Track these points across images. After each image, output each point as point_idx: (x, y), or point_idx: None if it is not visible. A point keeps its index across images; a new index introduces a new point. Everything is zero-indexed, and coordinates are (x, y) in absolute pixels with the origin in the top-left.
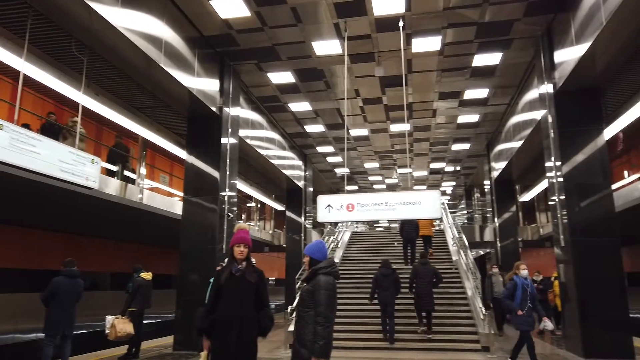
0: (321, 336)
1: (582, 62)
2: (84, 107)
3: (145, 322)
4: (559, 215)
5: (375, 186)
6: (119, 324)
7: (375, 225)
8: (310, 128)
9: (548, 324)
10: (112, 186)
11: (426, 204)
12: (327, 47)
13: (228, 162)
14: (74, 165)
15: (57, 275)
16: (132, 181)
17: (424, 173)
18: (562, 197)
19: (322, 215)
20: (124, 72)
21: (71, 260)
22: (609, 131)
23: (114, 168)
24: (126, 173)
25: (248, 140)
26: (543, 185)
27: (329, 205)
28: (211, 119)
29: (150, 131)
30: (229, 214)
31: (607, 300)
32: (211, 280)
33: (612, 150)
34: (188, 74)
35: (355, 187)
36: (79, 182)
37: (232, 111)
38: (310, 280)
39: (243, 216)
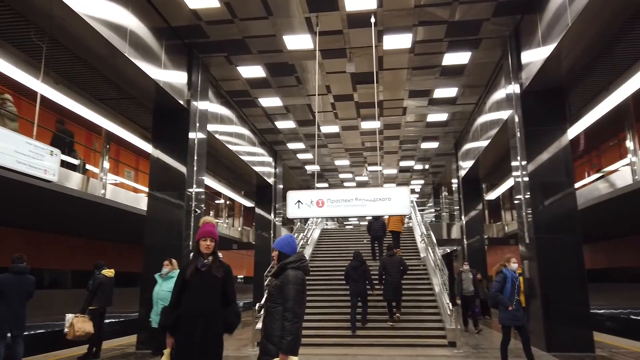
0: (289, 332)
1: (548, 63)
2: (42, 97)
3: (108, 321)
4: (524, 213)
5: (345, 184)
6: (78, 323)
7: (344, 222)
8: (281, 124)
9: None
10: (74, 180)
11: (396, 200)
12: (298, 41)
13: (196, 157)
14: (31, 157)
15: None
16: (82, 171)
17: (394, 171)
18: (527, 195)
19: (292, 211)
20: (86, 62)
21: (20, 256)
22: (572, 132)
23: (76, 162)
24: (71, 161)
25: (217, 135)
26: (508, 184)
27: (298, 201)
28: (178, 113)
29: (114, 124)
30: (196, 210)
31: (569, 296)
32: (156, 275)
33: (573, 150)
34: (154, 66)
35: (326, 185)
36: (36, 175)
37: (201, 105)
38: (279, 275)
39: (211, 213)
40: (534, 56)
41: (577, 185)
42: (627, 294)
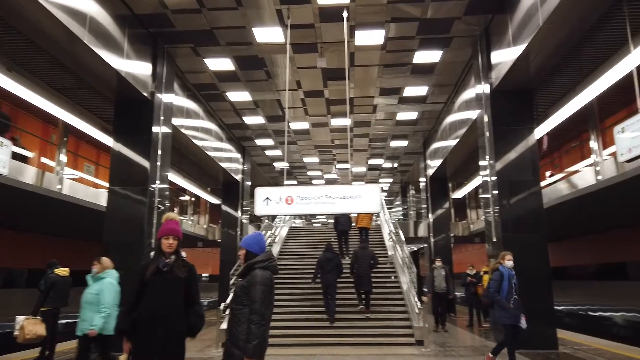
0: (255, 335)
1: (518, 63)
2: None
3: (64, 322)
4: (491, 211)
5: (314, 181)
6: (29, 325)
7: (313, 220)
8: (250, 119)
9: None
10: (28, 174)
11: (366, 198)
12: (268, 34)
13: (160, 152)
14: None
15: None
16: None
17: (363, 169)
18: (495, 194)
19: (260, 208)
20: (42, 48)
21: None
22: (538, 132)
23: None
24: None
25: (183, 130)
26: (474, 183)
27: (267, 198)
28: (142, 105)
29: (73, 115)
30: (160, 206)
31: (534, 294)
32: (88, 276)
33: (538, 151)
34: (116, 55)
35: (294, 182)
36: None
37: (166, 97)
38: (246, 275)
39: (176, 209)
40: (504, 56)
41: (542, 184)
42: (583, 291)
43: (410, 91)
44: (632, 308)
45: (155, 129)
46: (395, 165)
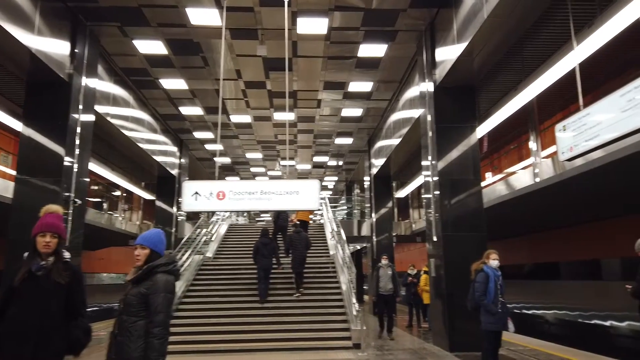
0: (159, 352)
1: (461, 59)
2: None
3: None
4: (432, 210)
5: (257, 178)
6: None
7: (256, 218)
8: (187, 110)
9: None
10: None
11: (304, 194)
12: (204, 16)
13: (78, 141)
14: None
15: None
16: None
17: (308, 166)
18: (436, 193)
19: (189, 204)
20: None
21: None
22: (479, 131)
23: None
24: None
25: (109, 118)
26: (417, 182)
27: (196, 193)
28: (57, 87)
29: None
30: (76, 200)
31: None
32: None
33: (479, 150)
34: (25, 30)
35: (237, 178)
36: None
37: (88, 81)
38: (143, 281)
39: (105, 205)
40: (448, 52)
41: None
42: (519, 290)
43: (355, 86)
44: (564, 306)
45: (73, 114)
46: (341, 163)
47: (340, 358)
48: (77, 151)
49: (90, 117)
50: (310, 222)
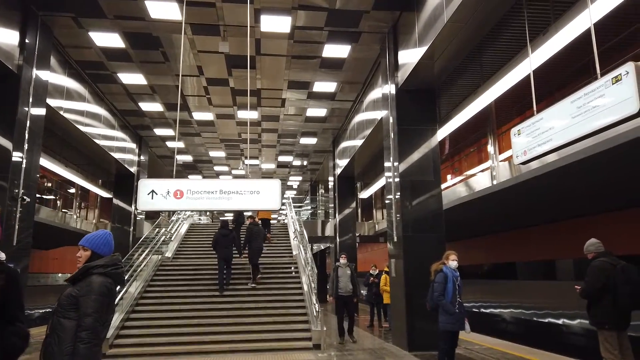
0: (84, 357)
1: (422, 62)
2: None
3: None
4: (393, 211)
5: (221, 177)
6: None
7: (220, 217)
8: (146, 106)
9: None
10: None
11: (265, 194)
12: (163, 9)
13: (27, 135)
14: None
15: None
16: None
17: (272, 166)
18: (398, 195)
19: (144, 202)
20: None
21: None
22: (439, 134)
23: None
24: None
25: (63, 113)
26: (380, 183)
27: (152, 191)
28: (5, 79)
29: None
30: (25, 197)
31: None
32: None
33: (439, 152)
34: None
35: (200, 177)
36: None
37: (38, 73)
38: (78, 281)
39: (59, 203)
40: (410, 55)
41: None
42: (477, 289)
43: (319, 86)
44: (520, 305)
45: (22, 107)
46: (305, 163)
47: (300, 359)
48: (26, 146)
49: (41, 111)
50: (274, 221)
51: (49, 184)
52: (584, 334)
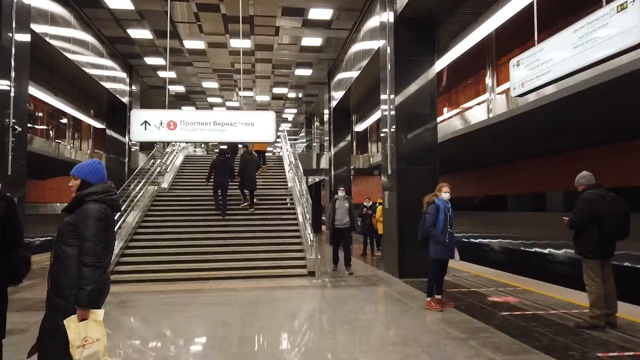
0: (89, 279)
1: None
2: None
3: None
4: (388, 144)
5: (215, 109)
6: None
7: (215, 149)
8: (135, 33)
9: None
10: None
11: (260, 126)
12: None
13: (13, 62)
14: None
15: None
16: None
17: (267, 98)
18: (393, 128)
19: (137, 133)
20: None
21: None
22: (437, 65)
23: None
24: None
25: (48, 39)
26: (376, 116)
27: (145, 122)
28: None
29: None
30: (15, 127)
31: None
32: None
33: (437, 84)
34: None
35: (193, 108)
36: None
37: None
38: (74, 210)
39: (52, 133)
40: None
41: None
42: (468, 220)
43: (315, 13)
44: (508, 235)
45: (6, 33)
46: (300, 95)
47: (294, 285)
48: (13, 74)
49: (26, 37)
50: (269, 154)
51: (40, 114)
52: (568, 262)
